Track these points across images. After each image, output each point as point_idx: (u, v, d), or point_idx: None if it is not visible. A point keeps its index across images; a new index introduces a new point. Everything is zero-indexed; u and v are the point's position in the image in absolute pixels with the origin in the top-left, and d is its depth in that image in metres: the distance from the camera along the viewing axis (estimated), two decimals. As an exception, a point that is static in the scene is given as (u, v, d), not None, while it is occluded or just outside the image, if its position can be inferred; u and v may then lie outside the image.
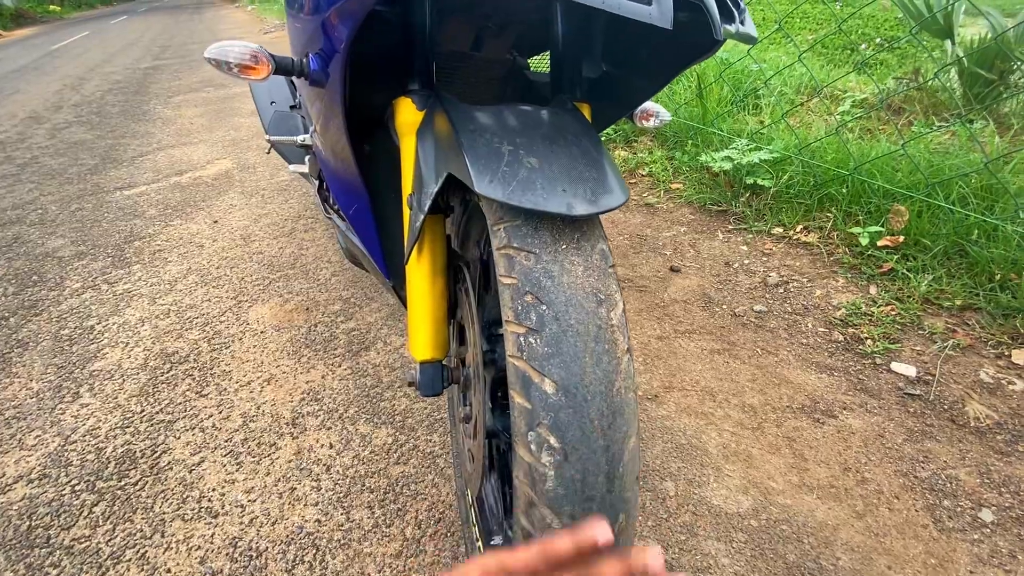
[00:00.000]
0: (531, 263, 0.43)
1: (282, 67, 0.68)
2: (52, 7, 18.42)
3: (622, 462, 0.41)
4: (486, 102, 0.61)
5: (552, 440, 0.40)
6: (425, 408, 1.09)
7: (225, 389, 1.18)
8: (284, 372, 1.21)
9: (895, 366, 1.09)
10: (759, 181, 1.59)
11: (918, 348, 1.12)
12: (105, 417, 1.12)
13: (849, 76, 2.27)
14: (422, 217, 0.56)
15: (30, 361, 1.31)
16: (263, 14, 9.91)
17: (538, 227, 0.45)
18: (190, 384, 1.20)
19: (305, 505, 0.90)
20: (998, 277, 1.16)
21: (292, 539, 0.85)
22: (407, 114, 0.64)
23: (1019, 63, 1.72)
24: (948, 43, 1.81)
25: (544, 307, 0.42)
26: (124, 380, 1.22)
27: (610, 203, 0.45)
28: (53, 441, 1.07)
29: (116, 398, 1.17)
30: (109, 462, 1.02)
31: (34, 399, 1.19)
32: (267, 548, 0.84)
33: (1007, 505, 0.83)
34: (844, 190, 1.45)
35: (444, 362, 0.70)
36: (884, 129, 1.89)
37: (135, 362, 1.28)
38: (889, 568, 0.76)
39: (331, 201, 1.13)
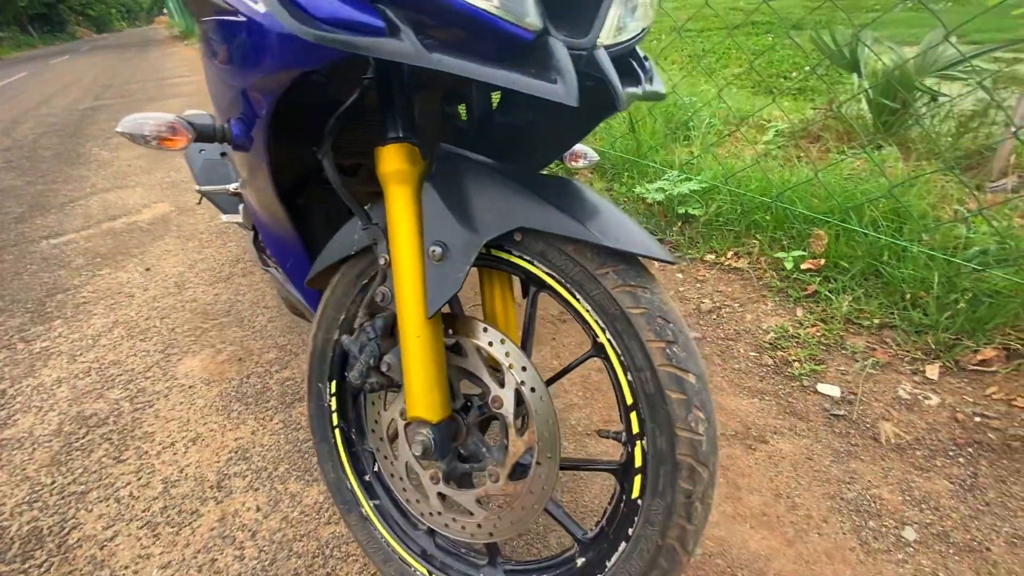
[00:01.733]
0: (648, 294, 0.54)
1: (203, 135, 0.67)
2: (-13, 47, 17.75)
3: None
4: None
5: (701, 415, 0.53)
6: (360, 460, 1.05)
7: (146, 452, 1.11)
8: (212, 430, 1.15)
9: (821, 387, 1.12)
10: (690, 210, 1.65)
11: (842, 368, 1.17)
12: (11, 492, 1.03)
13: (774, 105, 2.42)
14: (467, 268, 0.56)
15: (-72, 434, 1.20)
16: (212, 52, 9.78)
17: (633, 265, 0.55)
18: (107, 449, 1.12)
19: (226, 574, 0.85)
20: (909, 296, 1.23)
21: (209, 617, 0.79)
22: (397, 163, 0.60)
23: (919, 92, 1.87)
24: (855, 76, 1.96)
25: (671, 324, 0.54)
26: (35, 449, 1.14)
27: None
28: (-54, 524, 0.98)
29: (24, 470, 1.08)
30: (13, 542, 0.93)
31: (-72, 477, 1.09)
32: (181, 630, 0.78)
33: (927, 522, 0.86)
34: (768, 217, 1.52)
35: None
36: (804, 156, 2.01)
37: (48, 428, 1.19)
38: (818, 596, 0.77)
39: (267, 252, 1.10)
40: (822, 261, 1.40)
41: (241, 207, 1.31)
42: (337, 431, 0.81)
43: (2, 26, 22.43)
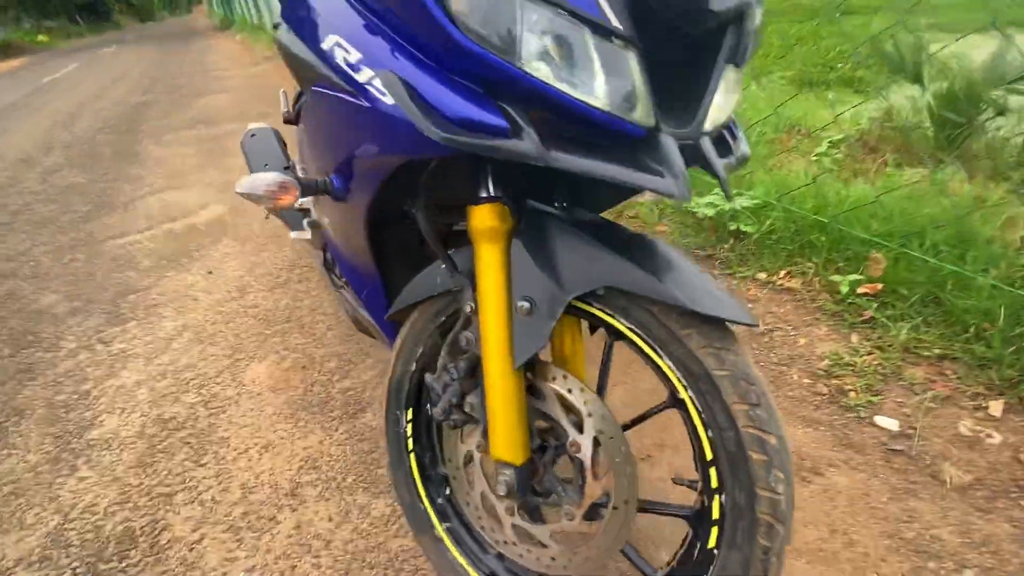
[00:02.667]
0: (732, 356, 0.56)
1: (307, 190, 0.71)
2: (40, 36, 18.49)
3: None
4: None
5: (781, 475, 0.54)
6: (422, 474, 1.11)
7: (223, 457, 1.19)
8: (282, 438, 1.22)
9: (879, 419, 1.12)
10: (742, 227, 1.64)
11: (900, 400, 1.16)
12: (103, 492, 1.13)
13: (826, 107, 2.36)
14: (553, 322, 0.60)
15: (27, 431, 1.32)
16: (253, 44, 9.99)
17: (718, 327, 0.57)
18: (188, 453, 1.21)
19: (306, 584, 0.92)
20: (972, 327, 1.20)
21: (294, 622, 0.86)
22: (489, 222, 0.63)
23: (985, 106, 1.80)
24: (919, 88, 1.90)
25: (754, 386, 0.55)
26: (122, 450, 1.23)
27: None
28: (52, 519, 1.08)
29: (114, 470, 1.18)
30: (109, 541, 1.02)
31: (31, 473, 1.19)
32: (269, 633, 0.85)
33: (988, 565, 0.86)
34: (824, 238, 1.50)
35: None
36: (861, 168, 1.96)
37: (132, 430, 1.29)
38: (877, 637, 0.79)
39: (337, 273, 1.15)
40: (879, 286, 1.38)
41: (309, 226, 1.38)
42: (412, 456, 0.86)
43: (51, 15, 23.35)
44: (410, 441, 0.86)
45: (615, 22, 0.43)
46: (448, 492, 0.87)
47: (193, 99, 5.57)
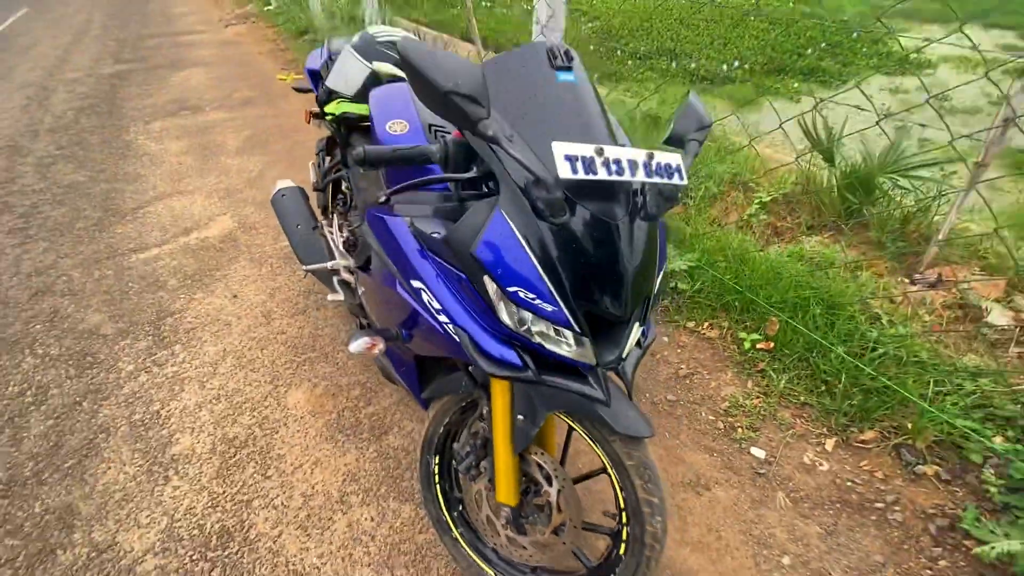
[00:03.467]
0: (638, 452, 0.97)
1: (388, 339, 1.08)
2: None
3: None
4: None
5: (659, 518, 0.97)
6: (435, 486, 1.54)
7: (283, 471, 1.59)
8: (326, 455, 1.63)
9: (753, 450, 1.62)
10: (680, 285, 2.09)
11: (770, 435, 1.66)
12: (197, 498, 1.52)
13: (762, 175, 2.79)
14: (536, 428, 0.99)
15: (116, 446, 1.68)
16: (221, -3, 9.55)
17: (632, 438, 0.96)
18: (255, 467, 1.60)
19: (363, 565, 1.36)
20: (825, 384, 1.70)
21: (357, 592, 1.30)
22: (501, 383, 1.01)
23: (879, 191, 2.27)
24: (829, 167, 2.35)
25: (648, 470, 0.97)
26: (202, 464, 1.62)
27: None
28: (162, 520, 1.47)
29: (200, 480, 1.57)
30: (211, 536, 1.43)
31: (133, 483, 1.57)
32: (341, 599, 1.29)
33: (799, 552, 1.38)
34: (736, 301, 1.97)
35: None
36: (782, 226, 2.43)
37: (205, 447, 1.67)
38: (724, 596, 1.29)
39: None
40: (772, 344, 1.86)
41: (339, 286, 1.74)
42: (437, 486, 1.30)
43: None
44: (436, 476, 1.29)
45: (576, 326, 0.83)
46: (461, 509, 1.31)
47: (168, 72, 5.53)
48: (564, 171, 0.72)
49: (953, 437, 1.51)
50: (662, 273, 0.97)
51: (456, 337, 0.90)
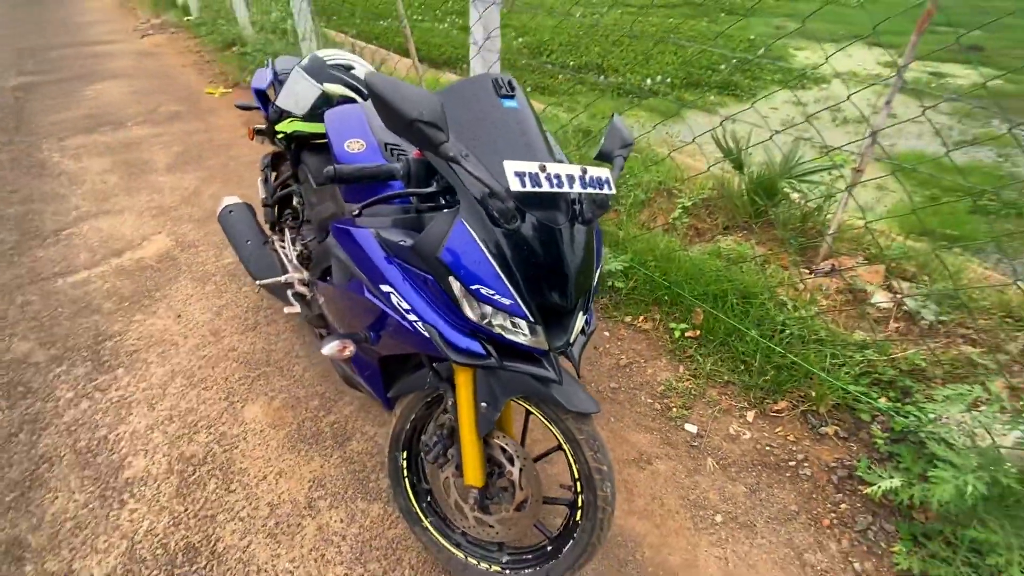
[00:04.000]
0: (587, 427, 1.10)
1: (357, 341, 1.16)
2: None
3: None
4: None
5: (608, 484, 1.11)
6: (401, 484, 1.62)
7: (247, 484, 1.61)
8: (290, 465, 1.67)
9: (687, 426, 1.82)
10: (616, 283, 2.28)
11: (701, 412, 1.87)
12: (157, 518, 1.51)
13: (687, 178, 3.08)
14: (498, 413, 1.11)
15: (62, 475, 1.62)
16: (138, 5, 9.05)
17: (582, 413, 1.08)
18: (217, 483, 1.61)
19: (335, 564, 1.41)
20: (743, 364, 1.94)
21: (332, 589, 1.36)
22: (466, 368, 1.11)
23: (782, 194, 2.58)
24: (739, 174, 2.65)
25: (596, 441, 1.11)
26: (159, 484, 1.60)
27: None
28: (121, 543, 1.45)
29: (159, 501, 1.56)
30: (177, 554, 1.43)
31: (85, 510, 1.53)
32: (316, 597, 1.34)
33: (728, 510, 1.58)
34: (666, 296, 2.19)
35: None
36: (703, 227, 2.70)
37: (160, 468, 1.65)
38: (670, 555, 1.46)
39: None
40: (698, 332, 2.09)
41: (294, 299, 1.78)
42: (406, 480, 1.38)
43: None
44: (405, 471, 1.38)
45: (530, 316, 0.96)
46: (429, 500, 1.40)
47: (81, 86, 5.21)
48: (515, 184, 0.86)
49: (847, 401, 1.78)
50: (599, 269, 1.13)
51: (426, 333, 1.00)
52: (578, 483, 1.19)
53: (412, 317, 1.02)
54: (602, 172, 0.96)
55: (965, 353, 1.88)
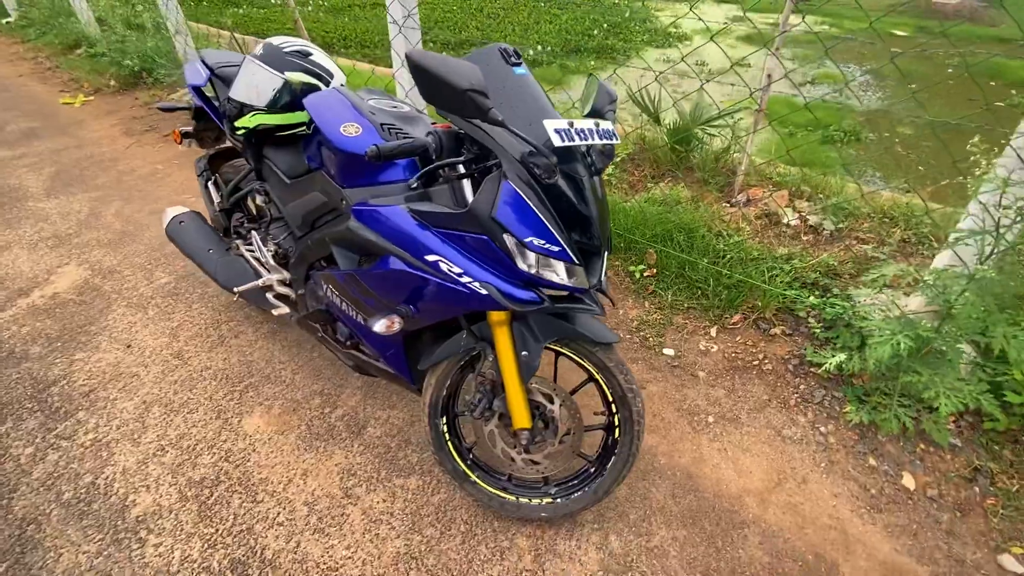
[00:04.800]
0: (615, 356, 1.28)
1: (402, 317, 1.20)
2: None
3: None
4: None
5: (639, 401, 1.30)
6: (429, 458, 1.68)
7: (274, 491, 1.58)
8: (313, 464, 1.66)
9: (665, 351, 2.06)
10: (575, 239, 2.46)
11: (673, 337, 2.12)
12: (188, 545, 1.45)
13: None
14: (537, 359, 1.22)
15: (59, 531, 1.48)
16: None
17: (605, 345, 1.24)
18: (242, 497, 1.56)
19: (392, 539, 1.46)
20: (699, 289, 2.22)
21: (397, 560, 1.42)
22: (503, 316, 1.21)
23: (695, 140, 2.89)
24: (657, 127, 2.92)
25: (623, 366, 1.27)
26: (177, 514, 1.52)
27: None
28: (158, 577, 1.38)
29: (183, 529, 1.49)
30: (224, 571, 1.39)
31: (101, 557, 1.42)
32: (384, 571, 1.39)
33: (717, 411, 1.84)
34: (621, 244, 2.40)
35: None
36: (632, 179, 2.95)
37: (171, 498, 1.56)
38: (680, 457, 1.68)
39: (345, 338, 1.58)
40: (655, 270, 2.33)
41: (277, 301, 1.73)
42: (449, 444, 1.46)
43: None
44: (447, 434, 1.45)
45: (575, 259, 1.07)
46: (472, 456, 1.49)
47: None
48: (556, 140, 0.96)
49: (786, 304, 2.12)
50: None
51: (483, 291, 1.08)
52: (612, 405, 1.35)
53: (466, 279, 1.09)
54: (607, 124, 1.09)
55: (863, 250, 2.31)
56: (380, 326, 1.17)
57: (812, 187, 2.75)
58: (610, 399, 1.35)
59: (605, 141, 1.07)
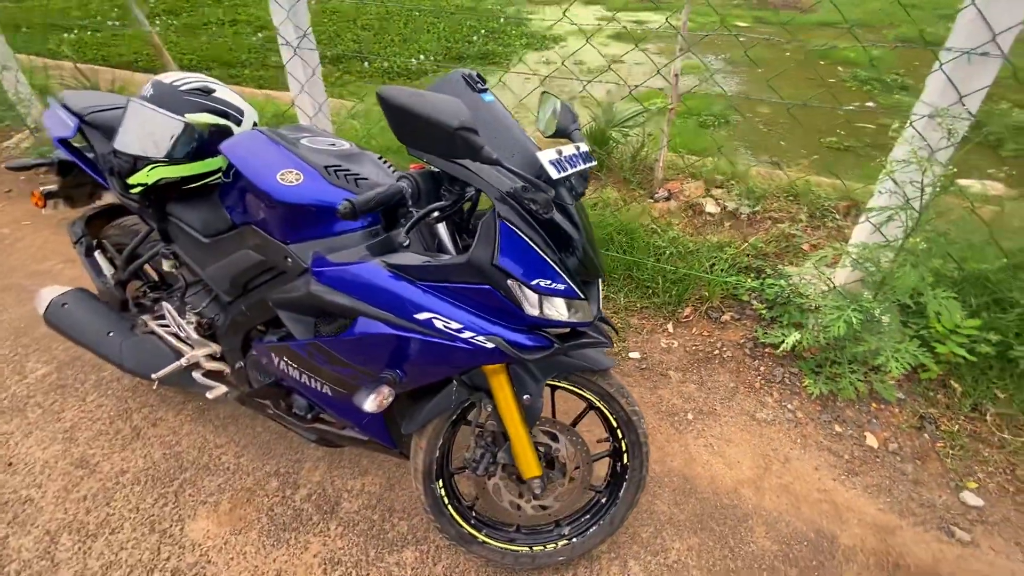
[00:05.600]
0: (615, 382, 1.23)
1: (390, 384, 1.05)
2: None
3: None
4: None
5: (643, 423, 1.27)
6: (421, 523, 1.52)
7: (245, 606, 1.34)
8: (286, 561, 1.43)
9: (631, 355, 2.06)
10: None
11: (634, 340, 2.13)
12: None
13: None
14: (541, 401, 1.13)
15: None
16: None
17: (604, 372, 1.20)
18: (205, 624, 1.30)
19: (401, 628, 1.29)
20: (649, 288, 2.26)
21: (413, 651, 1.25)
22: (500, 367, 1.11)
23: (612, 141, 2.96)
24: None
25: (624, 390, 1.24)
26: (123, 668, 1.23)
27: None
28: None
29: None
30: None
31: None
32: (401, 668, 1.23)
33: (693, 407, 1.87)
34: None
35: None
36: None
37: (111, 648, 1.26)
38: (672, 460, 1.68)
39: (306, 415, 1.37)
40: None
41: (220, 385, 1.48)
42: (449, 507, 1.32)
43: None
44: (445, 498, 1.32)
45: (579, 293, 1.00)
46: (474, 515, 1.37)
47: None
48: (554, 173, 0.88)
49: (730, 291, 2.22)
50: None
51: (488, 344, 0.97)
52: (618, 429, 1.30)
53: (467, 334, 0.97)
54: (583, 147, 1.04)
55: (780, 229, 2.49)
56: (370, 404, 1.02)
57: (722, 174, 2.93)
58: (614, 425, 1.30)
59: (589, 165, 1.01)
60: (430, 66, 5.84)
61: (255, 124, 1.42)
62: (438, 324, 0.98)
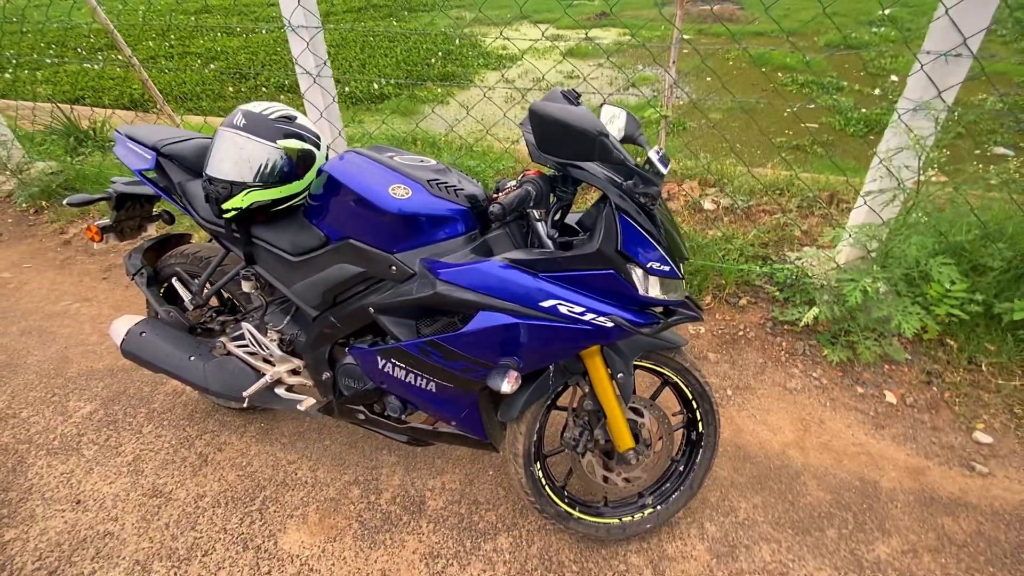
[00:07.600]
0: (689, 357, 1.43)
1: (516, 369, 1.15)
2: None
3: None
4: None
5: (714, 392, 1.64)
6: (507, 511, 1.61)
7: (358, 605, 1.39)
8: (387, 558, 1.48)
9: (664, 343, 2.22)
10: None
11: (664, 329, 2.29)
12: None
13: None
14: (632, 379, 1.25)
15: None
16: None
17: (679, 349, 1.33)
18: (323, 627, 1.34)
19: (513, 607, 1.38)
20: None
21: (530, 625, 1.34)
22: (596, 349, 1.23)
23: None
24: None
25: (697, 366, 1.36)
26: (252, 677, 1.26)
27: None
28: None
29: None
30: None
31: None
32: (522, 642, 1.31)
33: (731, 384, 2.04)
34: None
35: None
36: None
37: (235, 661, 1.29)
38: (721, 432, 1.83)
39: (400, 416, 1.44)
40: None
41: (307, 398, 1.54)
42: (547, 487, 1.42)
43: None
44: (543, 479, 1.42)
45: (680, 273, 1.14)
46: (567, 494, 1.47)
47: None
48: (663, 168, 1.03)
49: (743, 277, 2.43)
50: None
51: (609, 324, 1.10)
52: (694, 401, 1.44)
53: (589, 316, 1.09)
54: (660, 149, 1.19)
55: (776, 219, 2.73)
56: (507, 386, 1.12)
57: (713, 174, 3.17)
58: (689, 397, 1.44)
59: (669, 163, 1.17)
60: (391, 90, 5.89)
61: (328, 147, 1.51)
62: (562, 309, 1.10)
